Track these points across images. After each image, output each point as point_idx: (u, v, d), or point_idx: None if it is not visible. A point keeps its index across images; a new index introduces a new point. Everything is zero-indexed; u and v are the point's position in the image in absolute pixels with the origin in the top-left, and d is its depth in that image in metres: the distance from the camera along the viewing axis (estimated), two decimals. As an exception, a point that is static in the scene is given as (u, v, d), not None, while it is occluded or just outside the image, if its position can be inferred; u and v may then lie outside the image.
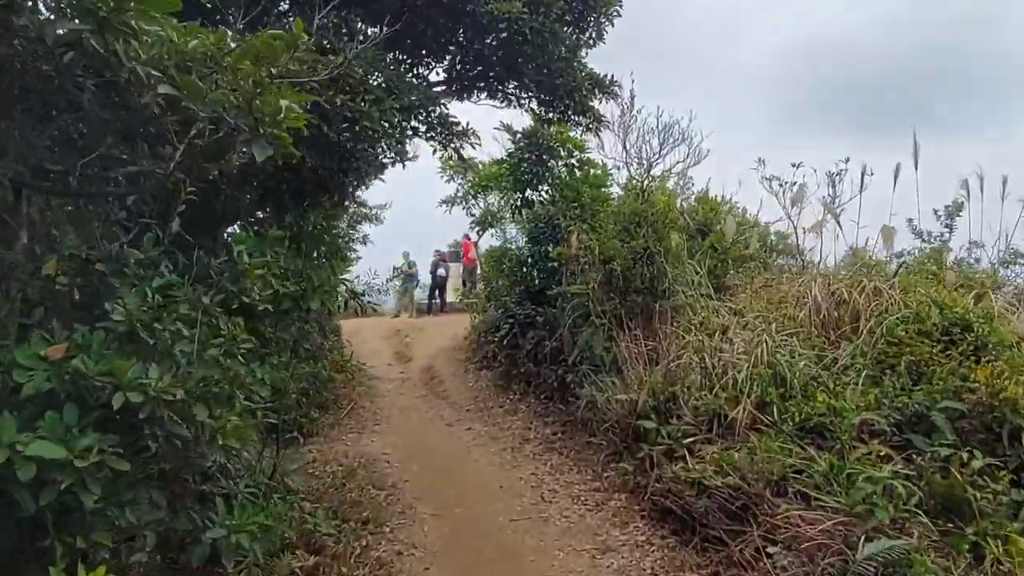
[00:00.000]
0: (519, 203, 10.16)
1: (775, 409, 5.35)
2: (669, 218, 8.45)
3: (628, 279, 8.29)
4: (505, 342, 10.61)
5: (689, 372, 6.30)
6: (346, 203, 4.77)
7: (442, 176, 15.49)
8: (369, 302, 7.67)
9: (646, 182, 8.75)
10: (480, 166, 13.37)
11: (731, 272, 9.66)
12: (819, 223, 6.88)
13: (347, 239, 13.48)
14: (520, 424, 9.17)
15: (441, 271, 18.10)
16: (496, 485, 6.84)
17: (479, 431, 9.12)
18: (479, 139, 5.81)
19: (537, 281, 10.30)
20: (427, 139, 5.76)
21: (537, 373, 9.83)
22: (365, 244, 13.13)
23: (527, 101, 6.20)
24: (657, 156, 8.40)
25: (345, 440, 9.23)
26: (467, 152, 5.96)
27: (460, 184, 15.33)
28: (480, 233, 16.17)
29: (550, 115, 6.26)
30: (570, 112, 6.09)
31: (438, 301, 18.30)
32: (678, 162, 8.40)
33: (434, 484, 6.99)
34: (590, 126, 6.23)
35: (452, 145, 5.76)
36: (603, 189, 9.58)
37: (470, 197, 15.28)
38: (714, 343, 6.31)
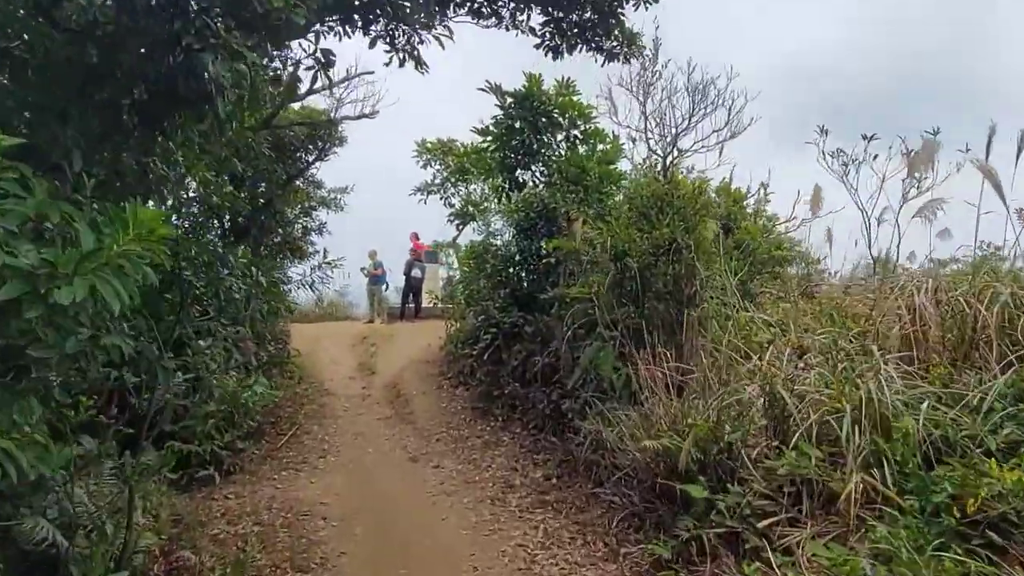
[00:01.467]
0: (506, 185, 8.22)
1: (899, 481, 3.45)
2: (700, 202, 6.57)
3: (647, 280, 6.42)
4: (486, 356, 8.77)
5: (751, 413, 4.37)
6: (217, 119, 2.74)
7: (418, 161, 13.51)
8: (272, 301, 5.61)
9: (670, 158, 6.86)
10: (461, 148, 11.42)
11: (758, 277, 7.96)
12: (932, 204, 4.98)
13: (304, 229, 11.52)
14: (503, 462, 7.23)
15: (416, 272, 16.03)
16: (468, 565, 4.84)
17: (450, 471, 7.17)
18: (451, 33, 3.88)
19: (526, 283, 8.49)
20: (364, 30, 3.80)
21: (525, 396, 7.97)
22: (321, 234, 11.09)
23: (524, 17, 4.28)
24: (686, 124, 6.49)
25: (276, 480, 7.17)
26: (426, 51, 3.97)
27: (438, 170, 13.30)
28: (460, 228, 14.13)
29: (556, 41, 4.32)
30: (587, 32, 4.17)
31: (412, 305, 16.26)
32: (713, 131, 6.50)
33: (380, 561, 4.98)
34: (616, 51, 4.31)
35: (405, 46, 3.82)
36: (614, 167, 7.68)
37: (449, 184, 13.25)
38: (786, 371, 4.39)
